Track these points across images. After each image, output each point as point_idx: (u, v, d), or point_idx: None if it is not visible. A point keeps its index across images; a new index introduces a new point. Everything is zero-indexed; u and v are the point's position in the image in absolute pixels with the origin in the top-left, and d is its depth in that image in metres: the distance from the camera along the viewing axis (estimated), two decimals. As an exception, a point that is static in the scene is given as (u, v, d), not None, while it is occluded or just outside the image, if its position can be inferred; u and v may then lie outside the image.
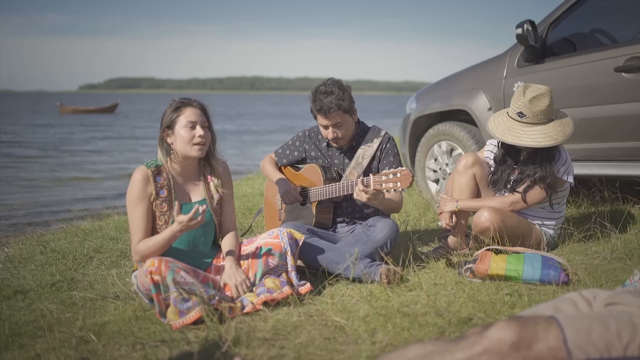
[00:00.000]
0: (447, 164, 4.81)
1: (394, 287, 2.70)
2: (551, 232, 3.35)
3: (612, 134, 3.77)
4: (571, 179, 3.23)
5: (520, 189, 3.23)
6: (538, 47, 3.98)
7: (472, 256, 3.20)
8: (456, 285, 2.73)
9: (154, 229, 2.65)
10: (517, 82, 4.08)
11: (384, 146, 3.29)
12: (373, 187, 2.85)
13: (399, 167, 2.97)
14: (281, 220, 3.49)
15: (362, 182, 2.89)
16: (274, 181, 3.42)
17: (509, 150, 3.31)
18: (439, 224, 3.40)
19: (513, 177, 3.28)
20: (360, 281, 2.86)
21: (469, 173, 3.32)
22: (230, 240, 2.78)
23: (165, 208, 2.64)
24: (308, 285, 2.69)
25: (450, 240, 3.40)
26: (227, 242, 2.78)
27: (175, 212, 2.48)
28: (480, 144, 4.41)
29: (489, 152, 3.48)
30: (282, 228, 2.82)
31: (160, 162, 2.68)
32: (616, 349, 1.43)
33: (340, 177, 3.32)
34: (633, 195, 4.16)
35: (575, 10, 3.99)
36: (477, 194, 3.37)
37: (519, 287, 2.68)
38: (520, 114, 3.11)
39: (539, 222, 3.33)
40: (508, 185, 3.29)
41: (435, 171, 4.96)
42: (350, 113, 3.18)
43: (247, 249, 2.81)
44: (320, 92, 3.11)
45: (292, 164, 3.51)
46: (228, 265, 2.68)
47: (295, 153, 3.46)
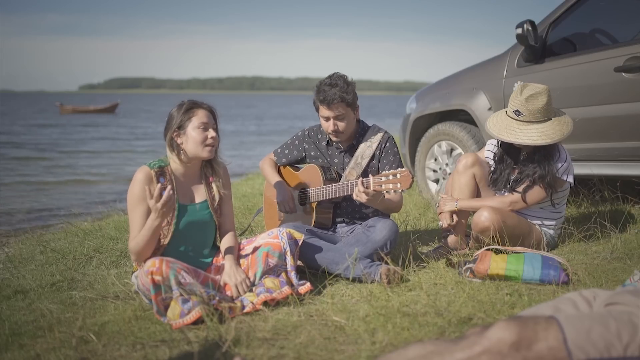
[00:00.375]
0: (447, 164, 4.81)
1: (394, 287, 2.70)
2: (551, 232, 3.35)
3: (612, 134, 3.77)
4: (571, 179, 3.22)
5: (520, 189, 3.23)
6: (538, 47, 3.99)
7: (472, 256, 3.20)
8: (456, 285, 2.73)
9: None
10: (517, 82, 4.08)
11: (384, 145, 3.29)
12: (373, 188, 2.85)
13: (399, 168, 2.97)
14: (281, 220, 3.49)
15: (362, 183, 2.89)
16: (272, 184, 3.41)
17: (508, 150, 3.31)
18: (439, 223, 3.40)
19: (513, 177, 3.28)
20: (360, 281, 2.86)
21: (468, 173, 3.32)
22: (229, 240, 2.79)
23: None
24: (308, 285, 2.69)
25: (450, 240, 3.40)
26: (226, 242, 2.79)
27: (150, 201, 2.43)
28: (480, 144, 4.41)
29: (489, 152, 3.48)
30: (282, 228, 2.82)
31: (164, 162, 2.68)
32: (616, 349, 1.43)
33: (340, 176, 3.32)
34: (633, 195, 4.16)
35: (575, 10, 3.99)
36: (477, 194, 3.36)
37: (519, 287, 2.68)
38: (517, 112, 3.11)
39: (539, 222, 3.33)
40: (508, 185, 3.28)
41: (435, 171, 4.96)
42: (352, 107, 3.18)
43: (247, 248, 2.82)
44: (325, 84, 3.13)
45: (291, 163, 3.51)
46: (228, 264, 2.68)
47: (295, 153, 3.46)
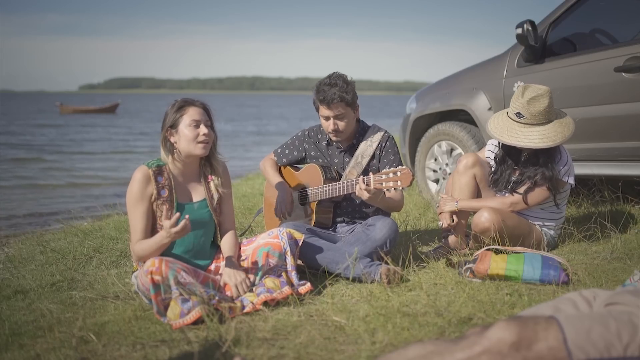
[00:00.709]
0: (447, 164, 4.81)
1: (394, 287, 2.70)
2: (551, 232, 3.35)
3: (612, 134, 3.77)
4: (572, 180, 3.22)
5: (520, 190, 3.23)
6: (538, 47, 3.98)
7: (472, 256, 3.20)
8: (456, 285, 2.73)
9: (154, 229, 2.65)
10: (517, 82, 4.07)
11: (384, 145, 3.29)
12: (373, 186, 2.86)
13: (399, 166, 2.97)
14: (281, 220, 3.49)
15: (363, 181, 2.90)
16: (273, 185, 3.41)
17: (510, 151, 3.30)
18: (439, 224, 3.40)
19: (513, 178, 3.28)
20: (360, 281, 2.86)
21: (469, 173, 3.31)
22: (229, 240, 2.78)
23: (166, 208, 2.64)
24: (308, 285, 2.68)
25: (450, 240, 3.40)
26: (226, 242, 2.78)
27: (165, 221, 2.45)
28: (480, 144, 4.41)
29: (489, 152, 3.48)
30: (282, 228, 2.82)
31: (162, 161, 2.68)
32: (616, 349, 1.43)
33: (340, 176, 3.32)
34: (633, 195, 4.15)
35: (575, 10, 3.99)
36: (478, 194, 3.36)
37: (519, 287, 2.68)
38: (519, 115, 3.11)
39: (540, 222, 3.32)
40: (509, 186, 3.28)
41: (435, 171, 4.96)
42: (352, 107, 3.18)
43: (247, 248, 2.82)
44: (325, 83, 3.13)
45: (291, 163, 3.51)
46: (228, 264, 2.68)
47: (295, 153, 3.46)
